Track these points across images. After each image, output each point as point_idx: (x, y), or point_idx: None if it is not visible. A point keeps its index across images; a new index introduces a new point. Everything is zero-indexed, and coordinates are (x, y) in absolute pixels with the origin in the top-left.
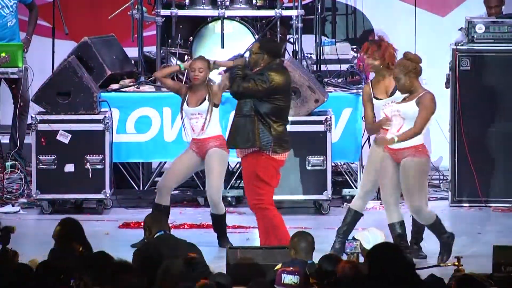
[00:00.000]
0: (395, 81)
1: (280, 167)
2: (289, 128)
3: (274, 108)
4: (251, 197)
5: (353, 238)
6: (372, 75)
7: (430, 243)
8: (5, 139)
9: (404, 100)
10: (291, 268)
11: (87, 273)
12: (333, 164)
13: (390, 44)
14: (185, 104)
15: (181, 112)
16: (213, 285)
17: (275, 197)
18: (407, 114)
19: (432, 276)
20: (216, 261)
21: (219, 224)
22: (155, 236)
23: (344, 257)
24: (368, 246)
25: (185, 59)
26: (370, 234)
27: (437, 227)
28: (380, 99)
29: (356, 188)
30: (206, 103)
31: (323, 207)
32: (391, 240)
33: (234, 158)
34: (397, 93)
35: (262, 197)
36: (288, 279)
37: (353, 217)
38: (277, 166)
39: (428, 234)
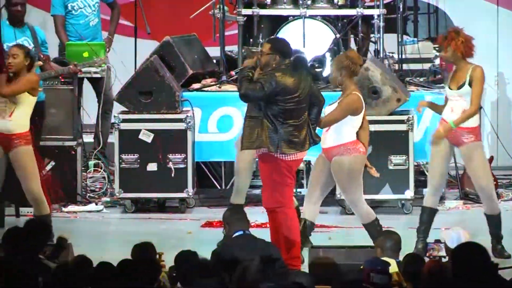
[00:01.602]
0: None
1: (294, 168)
2: (371, 127)
3: (283, 109)
4: (265, 197)
5: (436, 241)
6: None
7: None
8: (89, 138)
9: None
10: (380, 267)
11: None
12: (415, 164)
13: (461, 35)
14: None
15: None
16: None
17: None
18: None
19: None
20: None
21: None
22: (233, 235)
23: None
24: (452, 245)
25: None
26: (454, 234)
27: (372, 227)
28: (451, 89)
29: None
30: None
31: (405, 207)
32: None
33: (309, 157)
34: (465, 87)
35: (275, 199)
36: (377, 278)
37: (428, 215)
38: (288, 168)
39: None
